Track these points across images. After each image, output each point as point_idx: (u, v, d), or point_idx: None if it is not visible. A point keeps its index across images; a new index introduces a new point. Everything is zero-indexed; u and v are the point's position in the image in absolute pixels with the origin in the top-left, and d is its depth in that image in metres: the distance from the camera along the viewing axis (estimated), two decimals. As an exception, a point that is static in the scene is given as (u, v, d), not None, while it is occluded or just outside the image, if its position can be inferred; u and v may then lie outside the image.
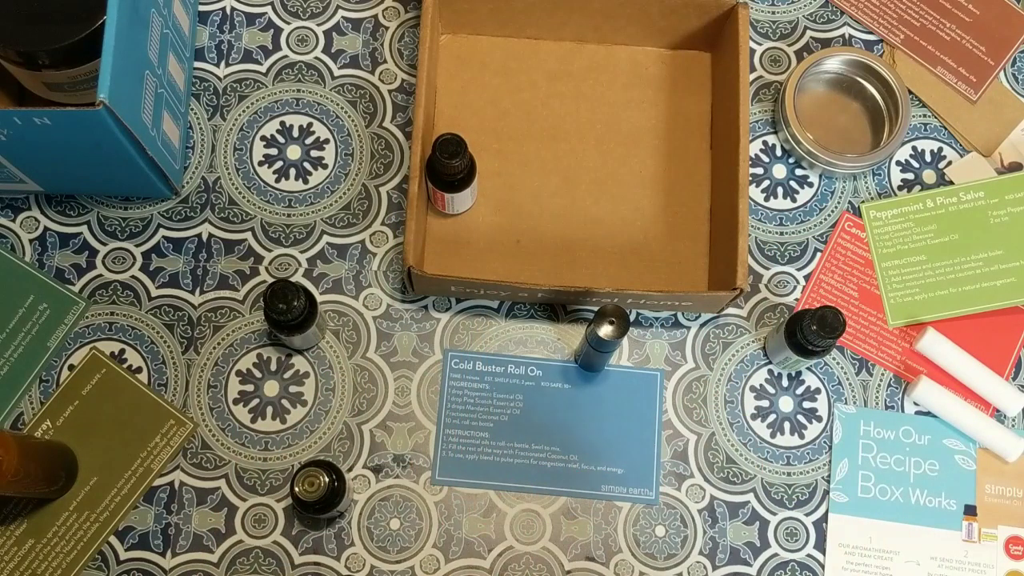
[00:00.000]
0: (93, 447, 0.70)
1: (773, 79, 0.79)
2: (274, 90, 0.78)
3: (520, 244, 0.75)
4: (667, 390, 0.73)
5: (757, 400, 0.73)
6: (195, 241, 0.74)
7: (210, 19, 0.79)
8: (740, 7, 0.72)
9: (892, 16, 0.81)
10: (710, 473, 0.72)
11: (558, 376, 0.73)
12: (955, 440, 0.73)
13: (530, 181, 0.76)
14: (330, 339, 0.73)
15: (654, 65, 0.79)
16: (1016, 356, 0.74)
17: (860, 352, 0.74)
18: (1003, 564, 0.71)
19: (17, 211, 0.75)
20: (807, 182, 0.77)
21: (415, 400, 0.72)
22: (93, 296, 0.73)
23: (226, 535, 0.69)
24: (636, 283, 0.74)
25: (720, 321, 0.74)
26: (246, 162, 0.76)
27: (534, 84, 0.78)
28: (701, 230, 0.75)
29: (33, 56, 0.66)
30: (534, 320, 0.74)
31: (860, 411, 0.73)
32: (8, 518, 0.69)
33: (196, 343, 0.72)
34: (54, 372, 0.72)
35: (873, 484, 0.72)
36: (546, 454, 0.72)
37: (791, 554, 0.71)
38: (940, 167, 0.78)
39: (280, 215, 0.75)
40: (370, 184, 0.76)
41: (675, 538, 0.70)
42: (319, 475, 0.64)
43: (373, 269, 0.74)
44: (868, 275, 0.76)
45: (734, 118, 0.71)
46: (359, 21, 0.79)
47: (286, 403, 0.72)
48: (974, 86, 0.80)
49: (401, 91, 0.78)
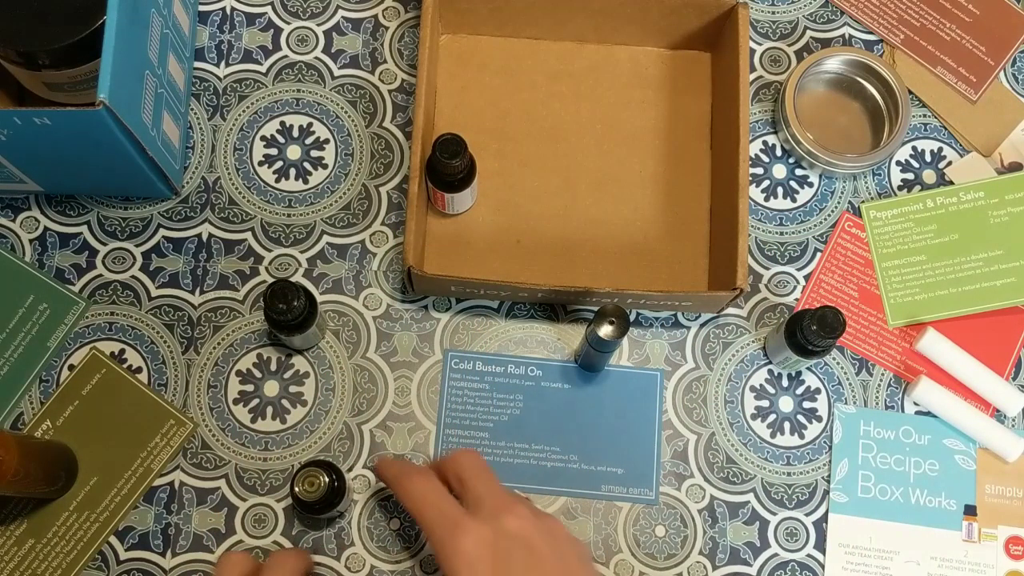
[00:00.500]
0: (93, 447, 0.70)
1: (773, 79, 0.79)
2: (274, 90, 0.78)
3: (520, 244, 0.75)
4: (667, 390, 0.73)
5: (757, 400, 0.73)
6: (195, 241, 0.74)
7: (210, 19, 0.79)
8: (740, 7, 0.72)
9: (892, 16, 0.81)
10: (710, 473, 0.72)
11: (558, 376, 0.73)
12: (955, 440, 0.73)
13: (530, 181, 0.76)
14: (330, 339, 0.73)
15: (654, 65, 0.79)
16: (1016, 356, 0.75)
17: (860, 352, 0.74)
18: (1003, 564, 0.71)
19: (17, 211, 0.75)
20: (807, 182, 0.77)
21: (415, 400, 0.72)
22: (93, 296, 0.73)
23: (226, 535, 0.70)
24: (636, 283, 0.74)
25: (720, 321, 0.74)
26: (246, 162, 0.76)
27: (534, 84, 0.78)
28: (701, 230, 0.75)
29: (33, 56, 0.66)
30: (534, 320, 0.74)
31: (860, 411, 0.73)
32: (8, 518, 0.69)
33: (196, 343, 0.72)
34: (54, 372, 0.72)
35: (873, 484, 0.72)
36: (546, 454, 0.72)
37: (791, 554, 0.71)
38: (940, 167, 0.78)
39: (280, 215, 0.75)
40: (370, 184, 0.76)
41: (675, 538, 0.70)
42: (319, 475, 0.64)
43: (373, 269, 0.74)
44: (868, 275, 0.76)
45: (734, 118, 0.71)
46: (359, 21, 0.79)
47: (286, 403, 0.72)
48: (974, 86, 0.80)
49: (401, 91, 0.78)
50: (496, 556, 0.54)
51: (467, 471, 0.59)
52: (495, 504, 0.57)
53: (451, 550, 0.54)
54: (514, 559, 0.54)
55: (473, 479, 0.59)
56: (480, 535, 0.55)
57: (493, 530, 0.55)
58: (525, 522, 0.56)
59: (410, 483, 0.59)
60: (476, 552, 0.54)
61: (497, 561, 0.54)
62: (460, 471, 0.60)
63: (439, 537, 0.56)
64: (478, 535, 0.55)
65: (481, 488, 0.58)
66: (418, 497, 0.58)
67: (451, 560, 0.54)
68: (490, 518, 0.56)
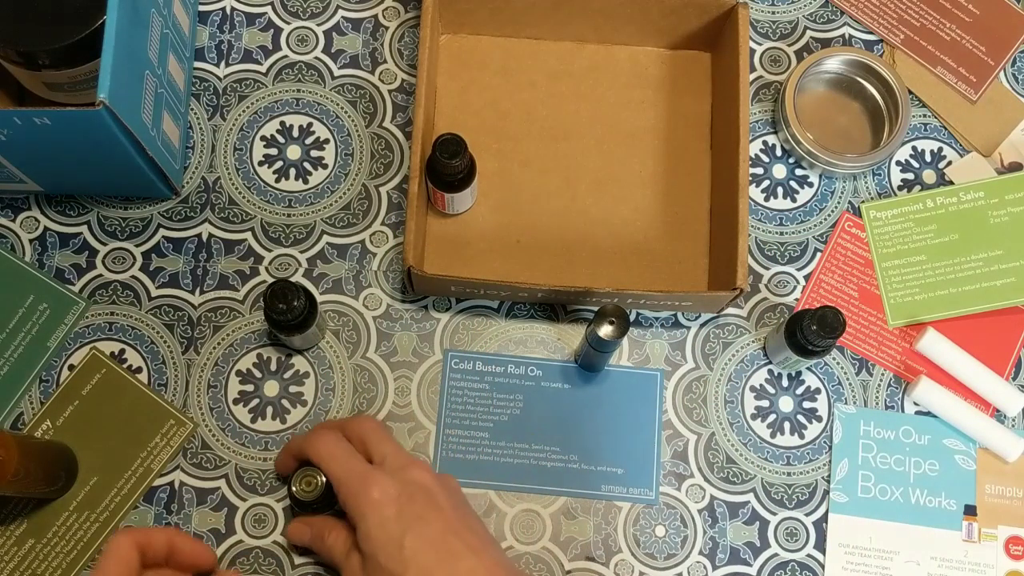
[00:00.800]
0: (93, 447, 0.70)
1: (773, 79, 0.79)
2: (274, 90, 0.78)
3: (520, 244, 0.75)
4: (667, 390, 0.73)
5: (757, 400, 0.73)
6: (195, 241, 0.74)
7: (210, 19, 0.79)
8: (740, 7, 0.72)
9: (892, 16, 0.81)
10: (710, 473, 0.72)
11: (558, 376, 0.73)
12: (955, 440, 0.73)
13: (530, 181, 0.76)
14: (330, 339, 0.73)
15: (654, 65, 0.79)
16: (1016, 356, 0.75)
17: (860, 352, 0.74)
18: (1003, 564, 0.71)
19: (17, 211, 0.75)
20: (807, 182, 0.77)
21: (415, 400, 0.72)
22: (93, 296, 0.73)
23: (226, 535, 0.69)
24: (636, 283, 0.74)
25: (720, 321, 0.74)
26: (246, 162, 0.76)
27: (534, 84, 0.78)
28: (701, 230, 0.75)
29: (33, 56, 0.66)
30: (534, 320, 0.74)
31: (860, 411, 0.73)
32: (8, 518, 0.69)
33: (196, 343, 0.72)
34: (54, 372, 0.72)
35: (873, 484, 0.72)
36: (546, 454, 0.72)
37: (791, 554, 0.71)
38: (940, 167, 0.78)
39: (280, 215, 0.75)
40: (370, 184, 0.76)
41: (675, 538, 0.70)
42: (316, 475, 0.65)
43: (373, 269, 0.74)
44: (868, 275, 0.76)
45: (734, 118, 0.71)
46: (359, 21, 0.79)
47: (286, 403, 0.72)
48: (974, 86, 0.80)
49: (401, 91, 0.78)
50: (400, 500, 0.60)
51: (370, 434, 0.65)
52: (399, 462, 0.63)
53: (362, 498, 0.60)
54: (416, 502, 0.60)
55: (377, 442, 0.64)
56: (386, 484, 0.60)
57: (399, 480, 0.61)
58: (426, 475, 0.62)
59: (319, 441, 0.64)
60: (383, 498, 0.60)
61: (401, 504, 0.60)
62: (364, 434, 0.65)
63: (349, 487, 0.61)
64: (385, 484, 0.60)
65: (385, 448, 0.64)
66: (328, 454, 0.63)
67: (361, 506, 0.60)
68: (395, 471, 0.62)
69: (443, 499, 0.62)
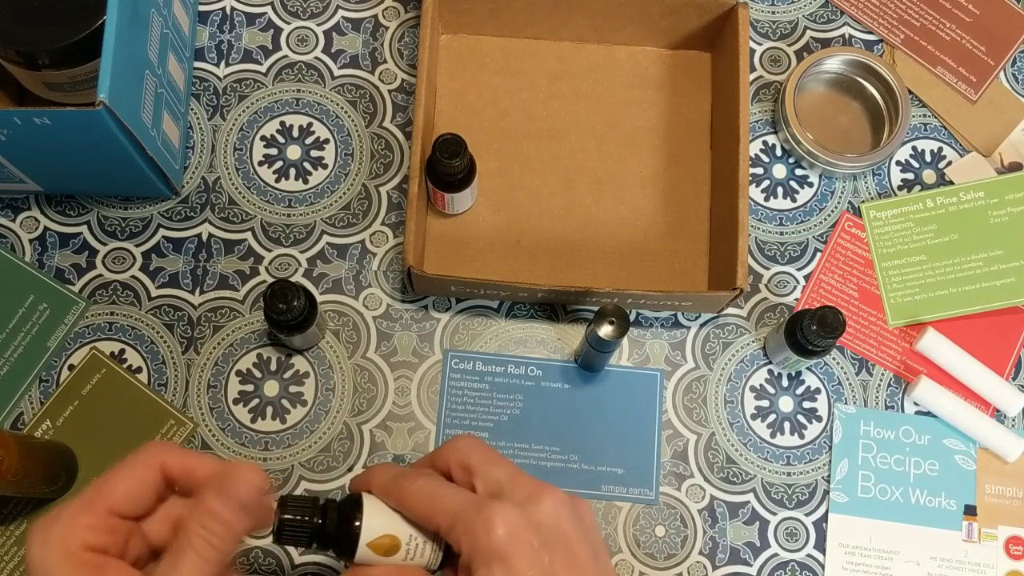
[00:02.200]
0: (93, 447, 0.70)
1: (773, 79, 0.79)
2: (274, 90, 0.78)
3: (520, 244, 0.75)
4: (667, 390, 0.73)
5: (757, 400, 0.73)
6: (195, 241, 0.74)
7: (210, 19, 0.79)
8: (740, 7, 0.72)
9: (892, 16, 0.81)
10: (710, 473, 0.72)
11: (558, 376, 0.73)
12: (955, 440, 0.73)
13: (530, 181, 0.76)
14: (330, 339, 0.73)
15: (654, 65, 0.79)
16: (1016, 356, 0.75)
17: (860, 352, 0.74)
18: (1003, 564, 0.71)
19: (17, 211, 0.75)
20: (807, 182, 0.77)
21: (415, 400, 0.72)
22: (93, 296, 0.73)
23: (226, 535, 0.69)
24: (636, 283, 0.74)
25: (720, 321, 0.74)
26: (246, 162, 0.76)
27: (534, 84, 0.78)
28: (701, 230, 0.75)
29: (33, 56, 0.66)
30: (534, 320, 0.74)
31: (860, 411, 0.73)
32: (8, 518, 0.69)
33: (196, 343, 0.72)
34: (54, 372, 0.72)
35: (873, 484, 0.72)
36: (546, 454, 0.72)
37: (791, 554, 0.71)
38: (940, 167, 0.78)
39: (280, 215, 0.75)
40: (370, 184, 0.76)
41: (675, 538, 0.70)
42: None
43: (373, 269, 0.74)
44: (868, 275, 0.76)
45: (734, 118, 0.71)
46: (359, 21, 0.79)
47: (286, 403, 0.72)
48: (974, 86, 0.80)
49: (401, 91, 0.78)
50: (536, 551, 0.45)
51: (473, 456, 0.50)
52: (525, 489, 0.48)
53: (483, 541, 0.45)
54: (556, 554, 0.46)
55: (484, 464, 0.49)
56: (514, 520, 0.45)
57: (528, 518, 0.46)
58: (561, 509, 0.47)
59: (410, 483, 0.49)
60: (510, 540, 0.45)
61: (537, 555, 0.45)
62: (465, 459, 0.50)
63: (465, 527, 0.46)
64: (511, 519, 0.45)
65: (498, 472, 0.48)
66: (425, 495, 0.48)
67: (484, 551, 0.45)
68: (522, 503, 0.47)
69: (584, 554, 0.47)
